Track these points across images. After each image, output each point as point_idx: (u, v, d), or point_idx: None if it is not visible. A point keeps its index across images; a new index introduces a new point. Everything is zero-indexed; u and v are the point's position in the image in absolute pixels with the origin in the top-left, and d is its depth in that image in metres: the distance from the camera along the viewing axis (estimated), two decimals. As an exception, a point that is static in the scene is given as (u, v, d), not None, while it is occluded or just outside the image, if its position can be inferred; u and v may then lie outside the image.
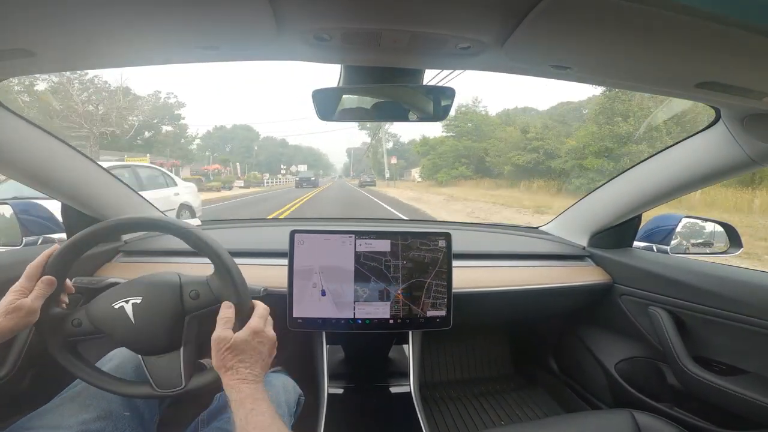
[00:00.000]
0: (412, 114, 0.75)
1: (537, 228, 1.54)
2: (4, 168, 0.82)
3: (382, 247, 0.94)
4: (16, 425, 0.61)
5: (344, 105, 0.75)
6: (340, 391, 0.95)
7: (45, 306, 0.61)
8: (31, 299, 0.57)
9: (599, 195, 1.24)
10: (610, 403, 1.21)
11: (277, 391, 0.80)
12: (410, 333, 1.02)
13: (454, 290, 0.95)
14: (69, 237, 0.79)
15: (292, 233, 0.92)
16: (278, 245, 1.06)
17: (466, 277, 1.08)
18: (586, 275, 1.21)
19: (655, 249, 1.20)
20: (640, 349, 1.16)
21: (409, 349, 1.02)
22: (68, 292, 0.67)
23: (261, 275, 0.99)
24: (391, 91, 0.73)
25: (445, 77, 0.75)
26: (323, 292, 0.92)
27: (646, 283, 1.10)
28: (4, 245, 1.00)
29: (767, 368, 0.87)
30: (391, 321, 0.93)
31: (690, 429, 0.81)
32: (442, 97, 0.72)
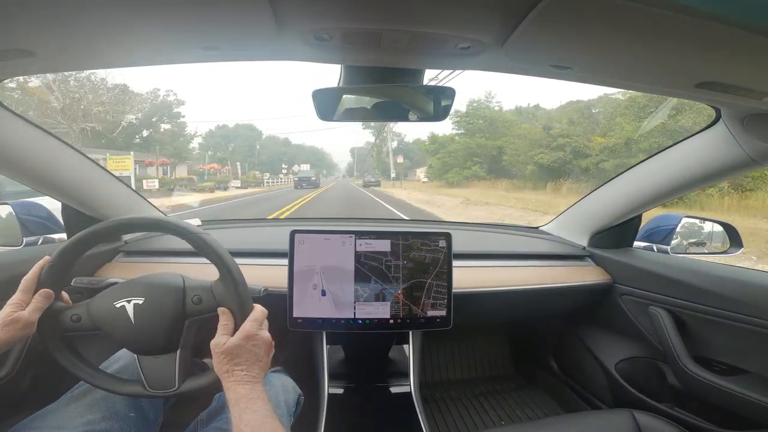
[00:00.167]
0: (412, 114, 0.75)
1: (537, 228, 1.54)
2: (4, 168, 0.82)
3: (383, 247, 0.94)
4: (20, 425, 0.61)
5: (344, 105, 0.75)
6: (341, 391, 0.95)
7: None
8: (28, 312, 0.58)
9: (599, 195, 1.24)
10: (611, 403, 1.21)
11: (277, 391, 0.80)
12: (410, 333, 1.02)
13: (454, 290, 0.95)
14: (69, 237, 0.79)
15: (293, 233, 0.92)
16: (278, 245, 1.06)
17: (466, 277, 1.08)
18: (586, 275, 1.21)
19: (655, 249, 1.20)
20: (641, 349, 1.16)
21: (410, 349, 1.02)
22: (64, 301, 0.66)
23: (261, 275, 0.99)
24: (391, 91, 0.73)
25: (445, 77, 0.76)
26: (323, 292, 0.92)
27: (646, 283, 1.09)
28: (4, 245, 1.00)
29: (767, 368, 0.87)
30: (391, 321, 0.93)
31: (690, 429, 0.81)
32: (442, 97, 0.72)
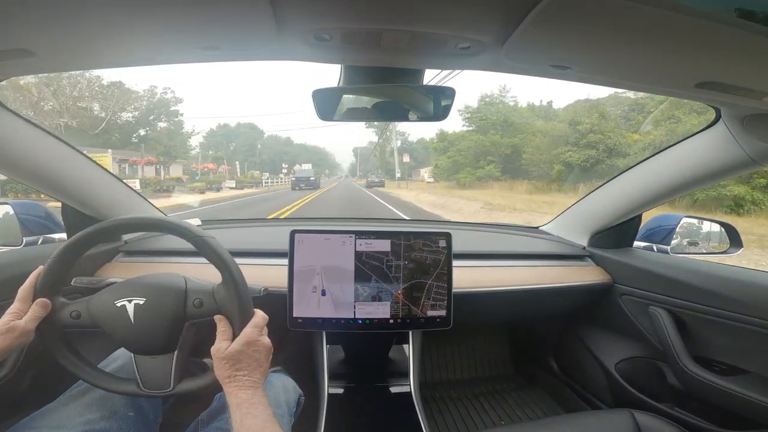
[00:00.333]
0: (412, 114, 0.76)
1: (537, 228, 1.54)
2: (5, 168, 0.82)
3: (383, 247, 0.93)
4: (20, 424, 0.61)
5: (344, 105, 0.75)
6: (341, 391, 0.95)
7: (50, 290, 0.62)
8: (25, 321, 0.58)
9: (599, 195, 1.24)
10: (611, 403, 1.21)
11: (277, 391, 0.80)
12: (410, 333, 1.02)
13: (454, 290, 0.95)
14: (69, 237, 0.79)
15: (292, 233, 0.92)
16: (278, 245, 1.06)
17: (466, 277, 1.08)
18: (586, 275, 1.21)
19: (655, 249, 1.20)
20: (641, 349, 1.16)
21: (409, 349, 1.02)
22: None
23: (261, 275, 0.99)
24: (391, 91, 0.73)
25: (445, 76, 0.76)
26: (323, 292, 0.92)
27: (646, 283, 1.09)
28: (4, 245, 1.00)
29: (767, 368, 0.87)
30: (391, 321, 0.93)
31: (690, 429, 0.81)
32: (442, 97, 0.72)
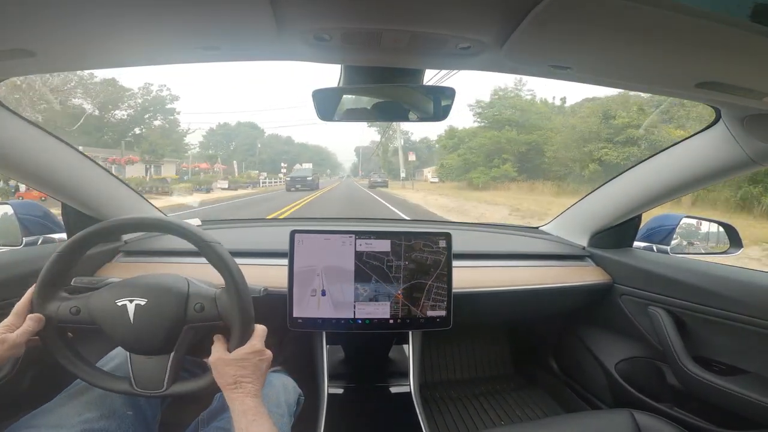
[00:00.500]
0: (412, 114, 0.76)
1: (537, 228, 1.54)
2: (5, 168, 0.82)
3: (383, 248, 0.93)
4: (18, 423, 0.61)
5: (344, 105, 0.75)
6: (341, 391, 0.95)
7: (50, 289, 0.63)
8: (16, 334, 0.59)
9: (599, 195, 1.24)
10: (610, 403, 1.21)
11: (277, 390, 0.80)
12: (410, 333, 1.02)
13: (454, 290, 0.95)
14: (69, 237, 0.79)
15: (292, 233, 0.92)
16: (278, 245, 1.06)
17: (466, 277, 1.08)
18: (586, 275, 1.21)
19: (655, 249, 1.21)
20: (640, 349, 1.16)
21: (409, 349, 1.02)
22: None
23: (261, 275, 0.99)
24: (391, 91, 0.73)
25: (444, 75, 0.76)
26: (323, 293, 0.92)
27: (646, 283, 1.09)
28: (4, 245, 1.00)
29: (767, 368, 0.87)
30: (391, 321, 0.93)
31: (690, 429, 0.81)
32: (442, 97, 0.72)
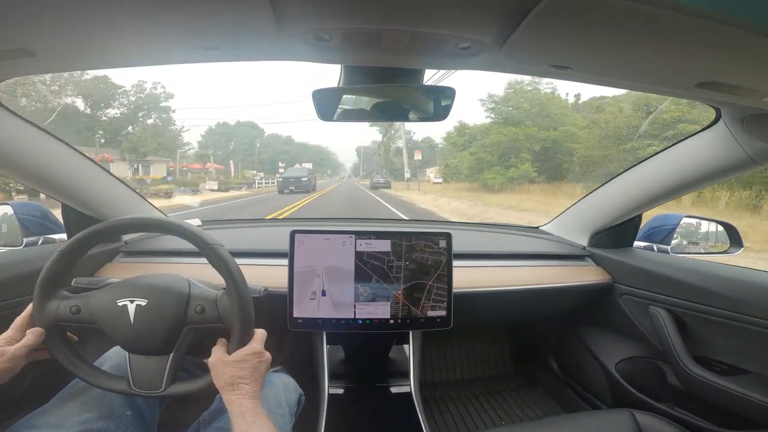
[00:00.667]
0: (412, 114, 0.76)
1: (537, 228, 1.54)
2: (5, 168, 0.82)
3: (383, 248, 0.93)
4: (18, 424, 0.61)
5: (344, 105, 0.75)
6: (341, 391, 0.95)
7: (51, 288, 0.63)
8: (16, 347, 0.59)
9: (600, 195, 1.24)
10: (611, 403, 1.21)
11: (278, 390, 0.80)
12: (410, 333, 1.02)
13: (454, 290, 0.95)
14: (69, 237, 0.79)
15: (293, 233, 0.92)
16: (279, 245, 1.06)
17: (466, 277, 1.08)
18: (586, 275, 1.21)
19: (655, 249, 1.20)
20: (641, 348, 1.16)
21: (410, 349, 1.02)
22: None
23: (261, 275, 0.99)
24: (391, 91, 0.73)
25: (444, 73, 0.75)
26: (323, 293, 0.92)
27: (646, 283, 1.09)
28: (4, 245, 1.00)
29: None
30: (392, 321, 0.93)
31: (691, 429, 0.81)
32: (442, 97, 0.72)
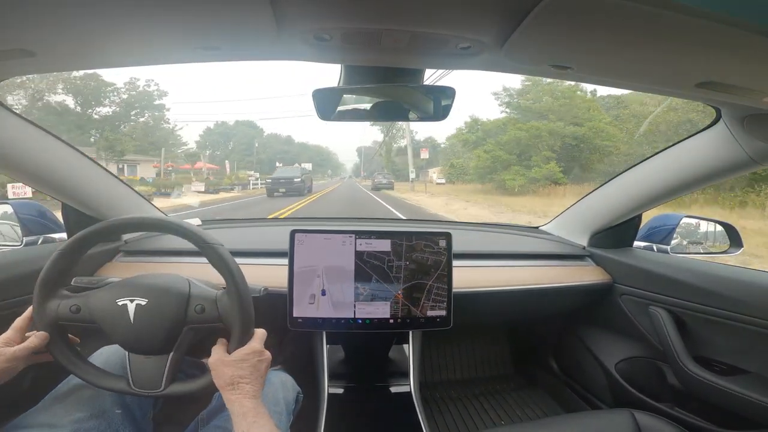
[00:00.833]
0: (412, 114, 0.76)
1: (537, 228, 1.54)
2: (5, 168, 0.82)
3: (383, 247, 0.93)
4: (11, 424, 0.61)
5: (344, 105, 0.75)
6: (341, 391, 0.95)
7: (51, 288, 0.63)
8: (16, 349, 0.59)
9: (599, 194, 1.24)
10: (611, 403, 1.21)
11: (276, 388, 0.80)
12: (410, 333, 1.02)
13: (454, 290, 0.95)
14: (69, 237, 0.79)
15: (293, 233, 0.92)
16: (278, 245, 1.06)
17: (466, 277, 1.08)
18: (586, 275, 1.21)
19: (655, 249, 1.20)
20: (641, 349, 1.16)
21: (410, 349, 1.02)
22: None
23: (261, 275, 0.99)
24: (391, 91, 0.73)
25: (442, 73, 0.75)
26: (323, 292, 0.92)
27: (646, 283, 1.09)
28: (4, 245, 1.00)
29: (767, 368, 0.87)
30: (391, 321, 0.93)
31: (690, 429, 0.81)
32: (442, 97, 0.72)
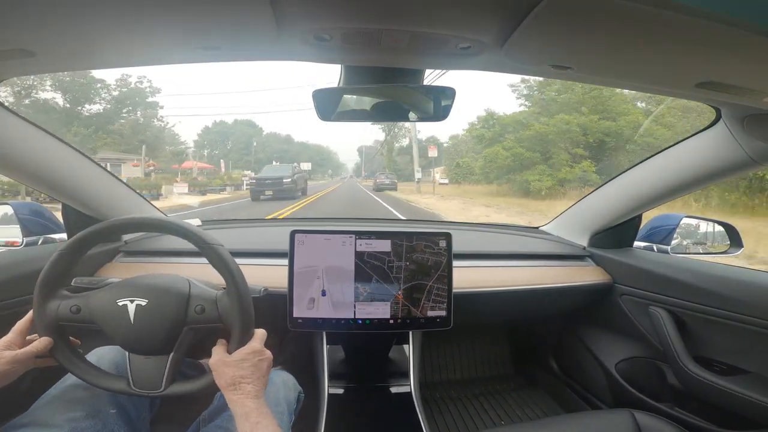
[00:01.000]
0: (412, 114, 0.76)
1: (537, 228, 1.54)
2: (5, 168, 0.82)
3: (384, 248, 0.93)
4: (9, 424, 0.61)
5: (345, 105, 0.75)
6: (341, 391, 0.95)
7: (51, 288, 0.63)
8: (18, 352, 0.59)
9: (600, 195, 1.23)
10: (611, 403, 1.21)
11: (277, 388, 0.80)
12: (410, 333, 1.02)
13: (454, 290, 0.95)
14: (69, 237, 0.79)
15: (293, 233, 0.92)
16: (279, 245, 1.06)
17: (466, 277, 1.08)
18: (586, 275, 1.21)
19: (655, 249, 1.20)
20: (641, 349, 1.16)
21: (410, 349, 1.02)
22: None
23: (261, 275, 0.99)
24: (391, 91, 0.73)
25: (438, 75, 0.75)
26: (323, 293, 0.92)
27: (646, 283, 1.09)
28: (4, 245, 1.00)
29: None
30: (392, 321, 0.93)
31: (690, 429, 0.81)
32: (442, 97, 0.72)
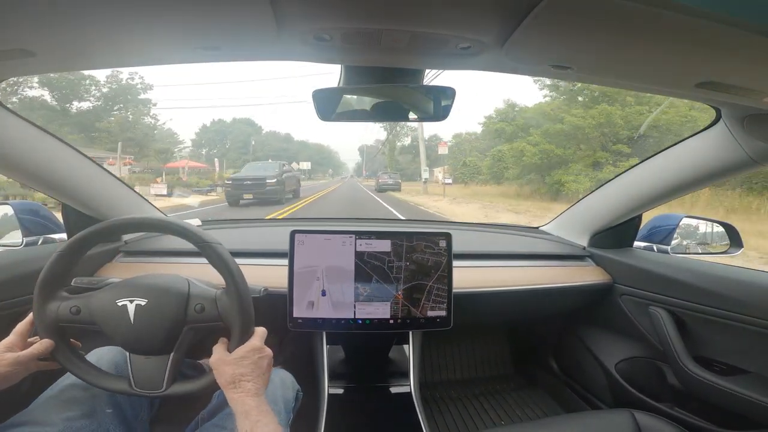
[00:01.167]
0: (412, 114, 0.76)
1: (537, 228, 1.54)
2: (5, 168, 0.82)
3: (384, 248, 0.93)
4: (6, 423, 0.61)
5: (345, 105, 0.75)
6: (341, 391, 0.95)
7: (51, 289, 0.63)
8: (19, 354, 0.59)
9: (600, 195, 1.23)
10: (611, 403, 1.21)
11: (275, 386, 0.80)
12: (410, 333, 1.02)
13: (454, 290, 0.95)
14: (69, 237, 0.79)
15: (293, 233, 0.92)
16: (279, 245, 1.06)
17: (466, 277, 1.08)
18: (586, 275, 1.21)
19: (655, 249, 1.20)
20: (641, 349, 1.16)
21: (410, 349, 1.02)
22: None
23: (261, 275, 0.99)
24: (391, 91, 0.73)
25: (440, 73, 0.75)
26: (323, 293, 0.92)
27: (646, 283, 1.09)
28: (4, 245, 1.00)
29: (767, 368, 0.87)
30: (392, 321, 0.93)
31: (690, 429, 0.81)
32: (442, 97, 0.72)
